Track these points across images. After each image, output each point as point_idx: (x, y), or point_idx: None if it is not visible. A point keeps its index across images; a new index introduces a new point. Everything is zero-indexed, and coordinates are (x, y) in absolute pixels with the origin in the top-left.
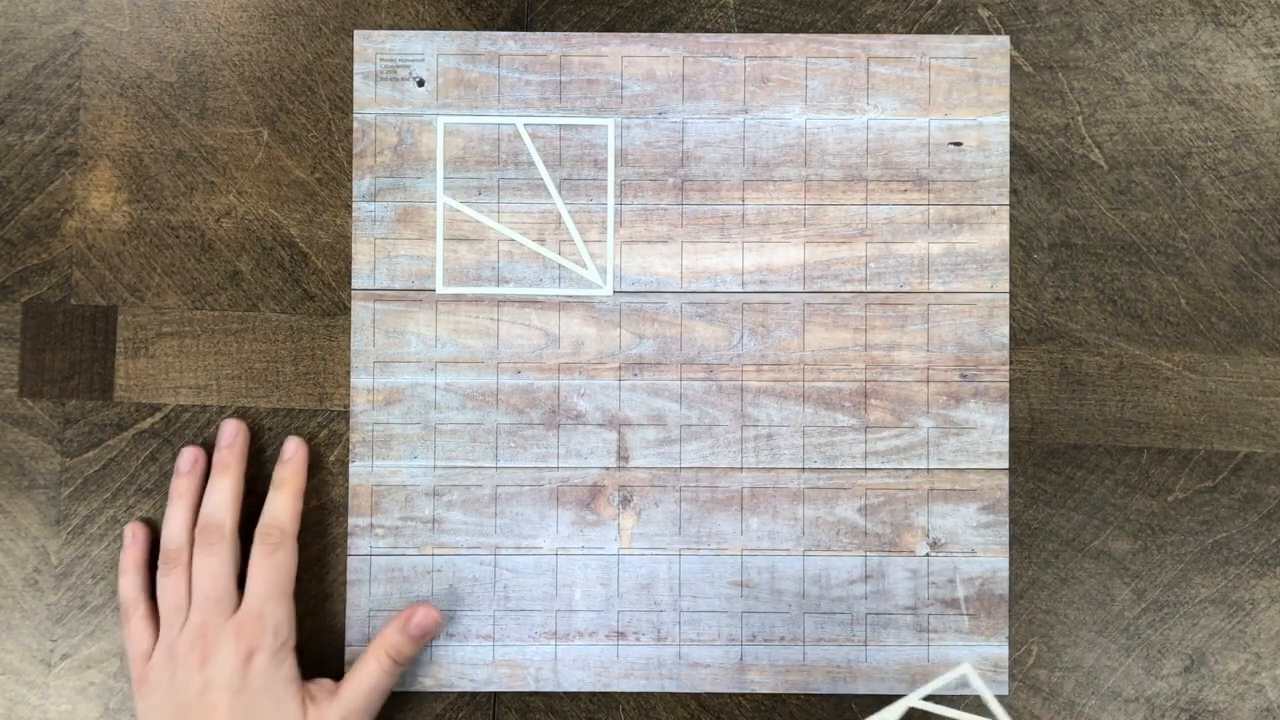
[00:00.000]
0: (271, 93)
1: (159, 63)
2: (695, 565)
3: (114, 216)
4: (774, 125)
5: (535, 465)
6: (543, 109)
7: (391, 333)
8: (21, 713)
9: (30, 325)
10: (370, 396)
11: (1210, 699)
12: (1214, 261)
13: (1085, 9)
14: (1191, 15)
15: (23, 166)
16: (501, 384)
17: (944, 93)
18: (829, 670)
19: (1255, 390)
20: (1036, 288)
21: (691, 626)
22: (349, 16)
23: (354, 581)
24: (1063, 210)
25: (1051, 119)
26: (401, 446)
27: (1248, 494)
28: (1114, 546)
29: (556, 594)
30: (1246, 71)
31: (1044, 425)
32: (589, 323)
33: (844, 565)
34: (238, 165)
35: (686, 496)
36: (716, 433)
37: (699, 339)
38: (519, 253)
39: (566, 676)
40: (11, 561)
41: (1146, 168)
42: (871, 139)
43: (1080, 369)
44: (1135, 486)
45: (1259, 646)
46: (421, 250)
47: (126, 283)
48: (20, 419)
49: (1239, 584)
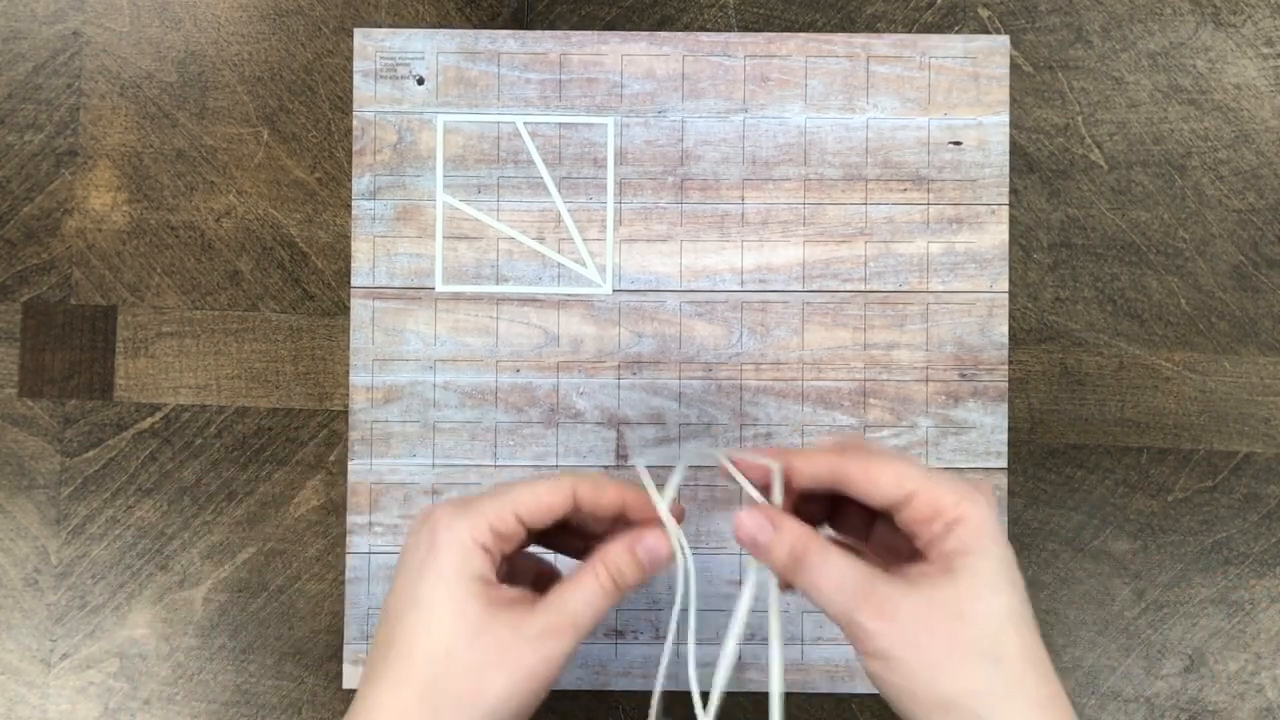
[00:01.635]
0: (271, 92)
1: (159, 63)
2: (694, 564)
3: (114, 216)
4: (774, 124)
5: (534, 463)
6: (542, 107)
7: (391, 331)
8: (21, 712)
9: (30, 325)
10: (369, 395)
11: (1210, 699)
12: (1214, 261)
13: (1085, 9)
14: (1191, 15)
15: (23, 166)
16: (500, 382)
17: (944, 92)
18: (828, 669)
19: (1255, 390)
20: (1036, 287)
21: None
22: (349, 16)
23: (353, 580)
24: (1063, 210)
25: (1051, 119)
26: (401, 445)
27: (1248, 494)
28: (1114, 546)
29: None
30: (1246, 71)
31: (1044, 425)
32: (588, 321)
33: None
34: (238, 165)
35: (685, 495)
36: (715, 431)
37: (698, 338)
38: (518, 251)
39: (564, 675)
40: (11, 561)
41: (1146, 168)
42: (871, 138)
43: (1080, 369)
44: (1135, 486)
45: (1259, 646)
46: (421, 248)
47: (126, 282)
48: (20, 419)
49: (1239, 584)
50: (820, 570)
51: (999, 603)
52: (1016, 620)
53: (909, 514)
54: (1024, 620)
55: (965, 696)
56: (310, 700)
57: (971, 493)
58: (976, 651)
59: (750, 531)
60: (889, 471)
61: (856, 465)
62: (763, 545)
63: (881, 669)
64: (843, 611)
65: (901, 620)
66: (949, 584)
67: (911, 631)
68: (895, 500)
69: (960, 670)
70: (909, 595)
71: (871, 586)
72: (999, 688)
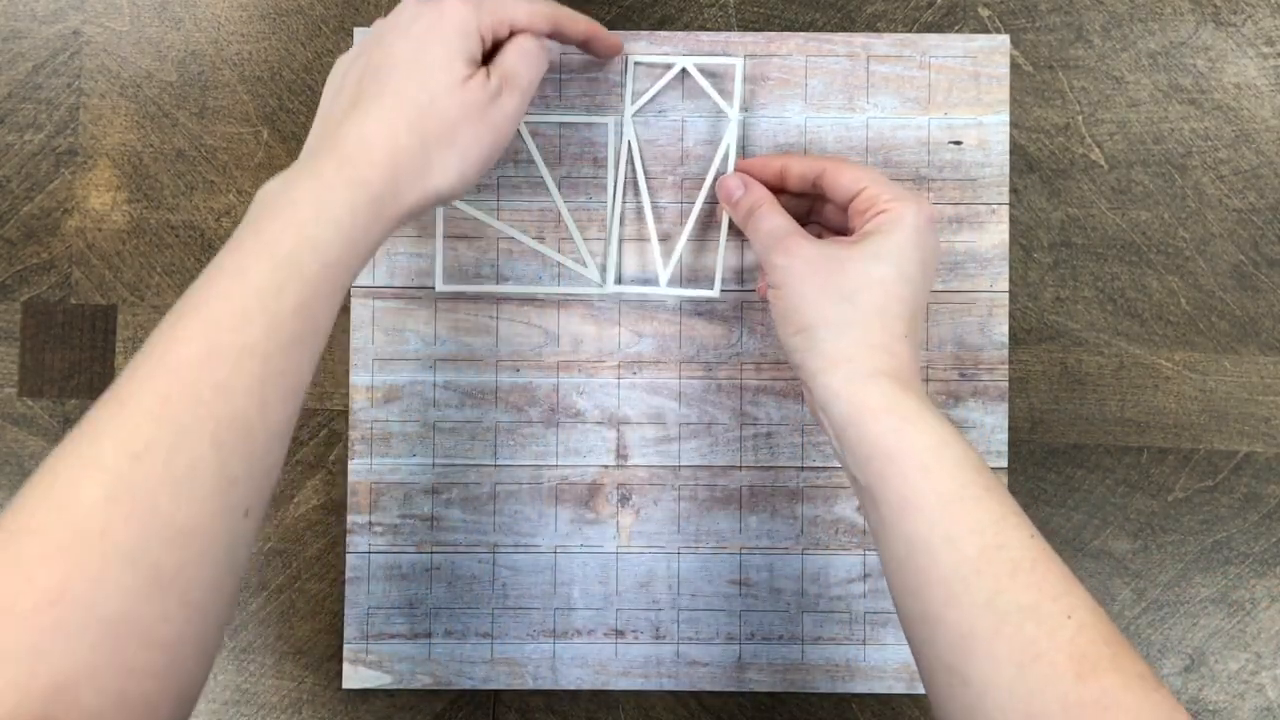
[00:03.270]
0: (271, 92)
1: (159, 62)
2: (694, 564)
3: (114, 216)
4: (774, 124)
5: (534, 463)
6: (543, 107)
7: (391, 330)
8: None
9: (30, 325)
10: (369, 394)
11: (1210, 698)
12: (1214, 261)
13: (1085, 8)
14: (1191, 15)
15: (23, 166)
16: (500, 382)
17: (944, 92)
18: (828, 669)
19: (1255, 390)
20: (1036, 287)
21: (690, 625)
22: (349, 15)
23: (353, 579)
24: (1063, 209)
25: (1051, 118)
26: (400, 444)
27: (1248, 494)
28: (1114, 546)
29: (555, 592)
30: (1246, 71)
31: (1044, 425)
32: (588, 320)
33: (843, 564)
34: (238, 165)
35: (685, 495)
36: (715, 431)
37: (698, 337)
38: (518, 250)
39: (565, 675)
40: None
41: (1146, 167)
42: (871, 138)
43: (1080, 369)
44: (1135, 486)
45: (1259, 646)
46: (421, 248)
47: (126, 282)
48: (20, 419)
49: (1239, 584)
50: (762, 220)
51: (878, 270)
52: (885, 287)
53: (855, 204)
54: (891, 290)
55: (817, 323)
56: (310, 700)
57: (906, 195)
58: (839, 293)
59: (729, 187)
60: (852, 172)
61: (831, 165)
62: (734, 198)
63: (774, 297)
64: (763, 250)
65: (797, 260)
66: (846, 245)
67: (800, 269)
68: (850, 193)
69: (820, 303)
70: (813, 245)
71: (789, 235)
72: (843, 323)
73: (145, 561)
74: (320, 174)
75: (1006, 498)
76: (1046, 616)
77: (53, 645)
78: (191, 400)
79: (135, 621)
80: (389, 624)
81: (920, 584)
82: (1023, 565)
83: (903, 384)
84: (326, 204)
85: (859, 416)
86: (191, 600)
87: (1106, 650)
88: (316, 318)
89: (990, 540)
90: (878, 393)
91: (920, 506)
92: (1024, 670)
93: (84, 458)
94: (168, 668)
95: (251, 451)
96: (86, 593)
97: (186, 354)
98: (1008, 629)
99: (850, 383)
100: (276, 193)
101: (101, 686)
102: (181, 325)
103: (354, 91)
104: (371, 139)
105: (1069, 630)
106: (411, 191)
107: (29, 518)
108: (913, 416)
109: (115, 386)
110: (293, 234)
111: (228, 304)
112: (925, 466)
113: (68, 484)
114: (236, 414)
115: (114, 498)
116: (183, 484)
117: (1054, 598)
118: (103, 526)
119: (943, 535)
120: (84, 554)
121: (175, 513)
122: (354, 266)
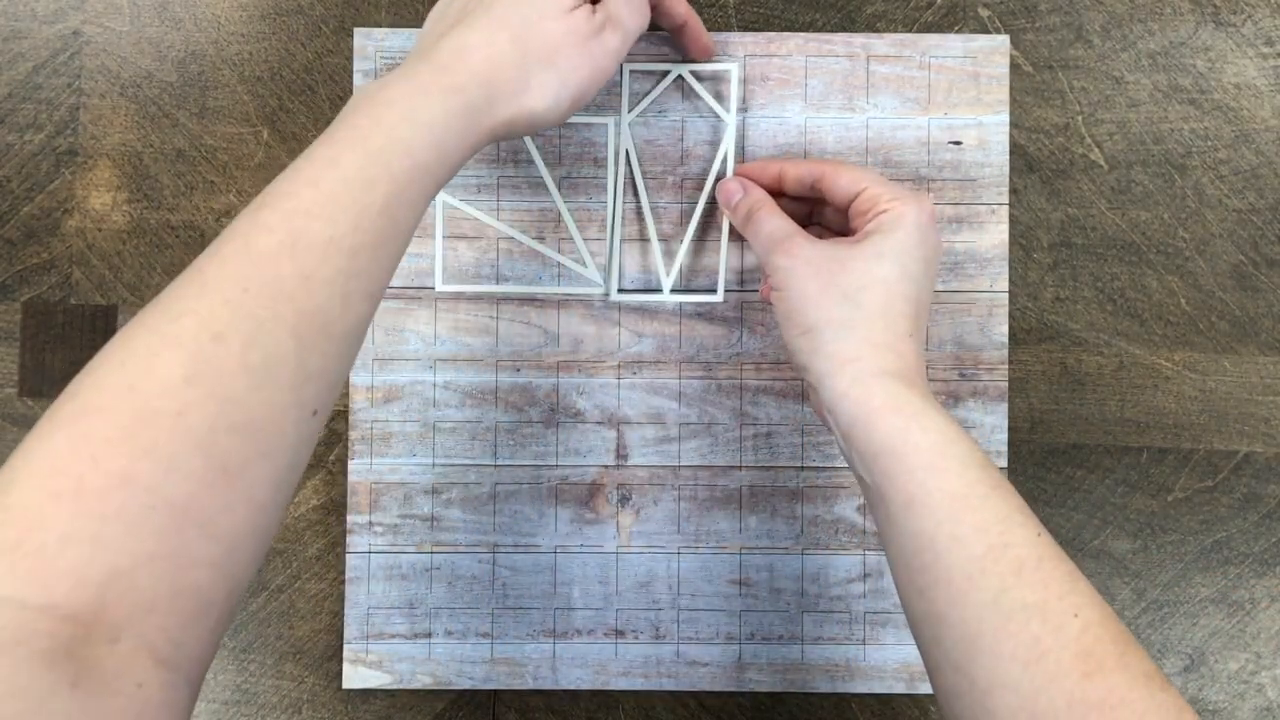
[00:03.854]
0: (271, 92)
1: (159, 62)
2: (694, 563)
3: (114, 216)
4: (774, 124)
5: (534, 463)
6: None
7: (391, 330)
8: None
9: (30, 325)
10: (369, 394)
11: (1210, 698)
12: (1214, 261)
13: (1085, 9)
14: (1191, 15)
15: (23, 166)
16: (500, 382)
17: (944, 92)
18: (828, 669)
19: (1255, 390)
20: (1036, 287)
21: (690, 625)
22: (349, 15)
23: (353, 579)
24: (1063, 210)
25: (1051, 118)
26: (400, 444)
27: (1247, 494)
28: (1114, 546)
29: (555, 592)
30: (1246, 71)
31: (1044, 425)
32: (588, 321)
33: (842, 564)
34: (238, 165)
35: (685, 495)
36: (715, 431)
37: (698, 338)
38: (518, 251)
39: (565, 675)
40: None
41: (1146, 167)
42: (871, 138)
43: (1080, 369)
44: (1135, 486)
45: (1259, 646)
46: (421, 248)
47: (126, 282)
48: (20, 418)
49: (1239, 584)
50: (762, 222)
51: (880, 269)
52: (888, 286)
53: (856, 206)
54: (895, 289)
55: (821, 324)
56: (310, 700)
57: (907, 195)
58: (842, 293)
59: (729, 190)
60: (850, 173)
61: (829, 168)
62: (734, 201)
63: (777, 299)
64: (765, 252)
65: (798, 260)
66: (848, 245)
67: (803, 270)
68: (850, 195)
69: (824, 303)
70: (814, 246)
71: (789, 237)
72: (847, 323)
73: (216, 450)
74: (416, 77)
75: (1013, 496)
76: (1052, 614)
77: (114, 531)
78: (273, 290)
79: (199, 511)
80: (389, 624)
81: (926, 583)
82: (1028, 563)
83: (908, 383)
84: (420, 107)
85: (865, 416)
86: (255, 496)
87: (1113, 649)
88: (400, 221)
89: (996, 538)
90: (883, 392)
91: (927, 505)
92: (1030, 668)
93: (163, 334)
94: (224, 559)
95: (328, 349)
96: (154, 477)
97: (270, 243)
98: (1013, 627)
99: (856, 383)
100: (372, 93)
101: (158, 574)
102: (266, 211)
103: (459, 13)
104: (471, 48)
105: (1075, 628)
106: (507, 106)
107: (98, 394)
108: (919, 415)
109: (196, 266)
110: (384, 132)
111: (317, 191)
112: (931, 465)
113: (145, 360)
114: (319, 307)
115: (192, 379)
116: (259, 373)
117: (1060, 596)
118: (179, 408)
119: (949, 534)
120: (155, 437)
121: (250, 402)
122: (441, 176)
